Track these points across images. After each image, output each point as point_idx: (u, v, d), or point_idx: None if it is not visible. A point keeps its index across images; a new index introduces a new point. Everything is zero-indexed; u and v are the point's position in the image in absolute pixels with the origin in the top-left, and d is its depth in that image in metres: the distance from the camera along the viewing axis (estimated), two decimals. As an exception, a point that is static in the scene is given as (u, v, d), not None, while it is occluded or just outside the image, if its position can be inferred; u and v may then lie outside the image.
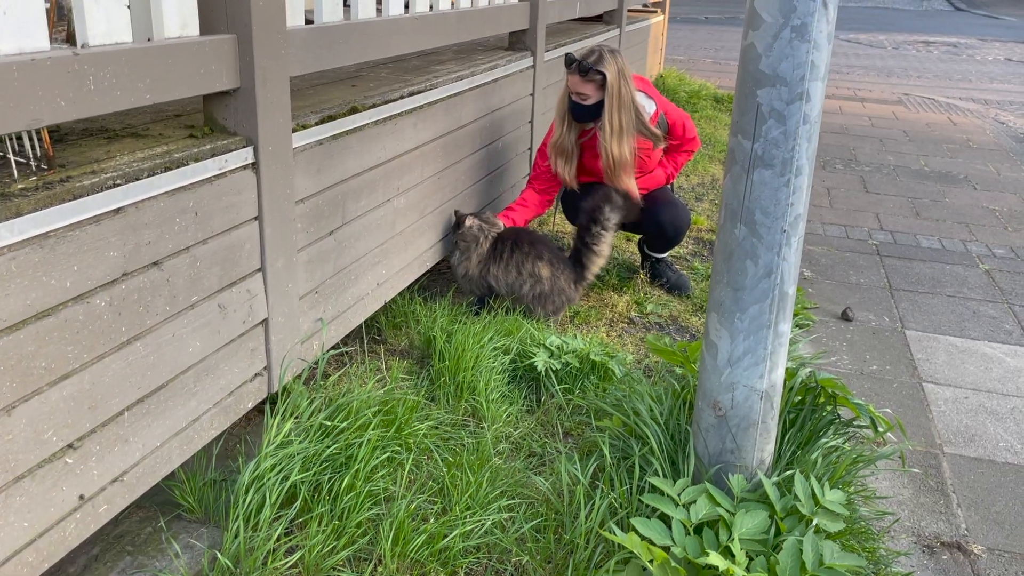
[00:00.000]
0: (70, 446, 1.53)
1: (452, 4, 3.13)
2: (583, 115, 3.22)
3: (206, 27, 1.81)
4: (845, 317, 3.40)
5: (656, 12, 7.48)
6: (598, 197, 3.12)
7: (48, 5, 2.94)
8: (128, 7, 1.56)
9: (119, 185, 1.54)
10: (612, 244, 3.22)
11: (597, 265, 3.18)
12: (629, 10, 6.36)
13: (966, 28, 17.04)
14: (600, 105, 3.14)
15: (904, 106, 8.40)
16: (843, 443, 2.11)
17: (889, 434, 2.52)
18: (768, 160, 1.72)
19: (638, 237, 3.72)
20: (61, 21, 2.82)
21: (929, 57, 12.55)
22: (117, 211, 1.54)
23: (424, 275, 3.32)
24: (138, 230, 1.59)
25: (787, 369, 2.18)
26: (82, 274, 1.48)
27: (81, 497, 1.57)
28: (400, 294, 2.96)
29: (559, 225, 4.08)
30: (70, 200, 1.44)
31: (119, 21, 1.53)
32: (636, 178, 3.35)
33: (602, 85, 3.11)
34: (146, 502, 1.95)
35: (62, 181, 1.46)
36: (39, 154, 1.53)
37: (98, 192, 1.49)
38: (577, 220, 3.26)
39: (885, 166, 5.96)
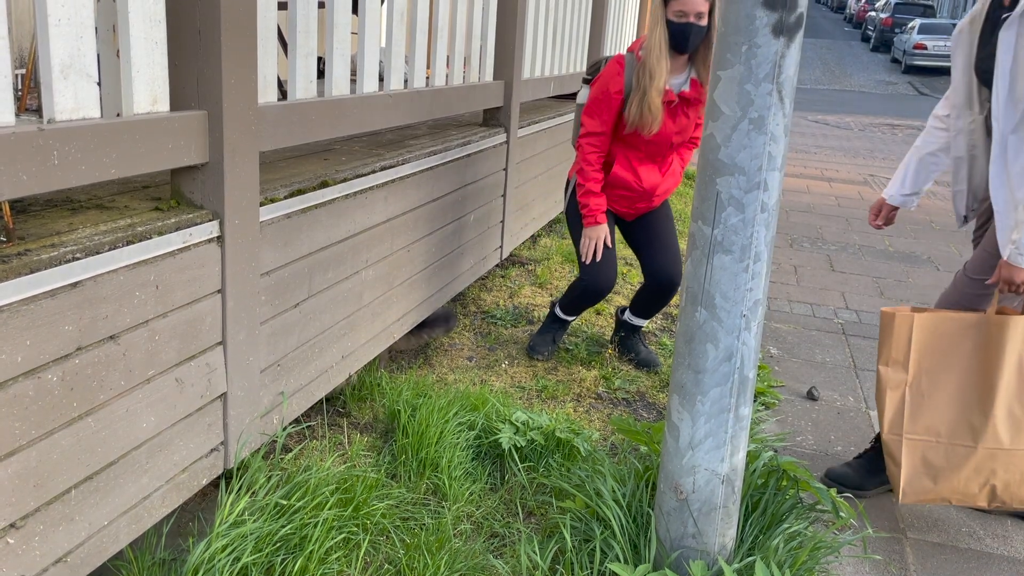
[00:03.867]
0: (12, 526, 1.48)
1: (427, 79, 3.20)
2: (691, 41, 3.01)
3: (177, 102, 1.83)
4: (810, 396, 3.41)
5: (629, 90, 7.68)
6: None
7: (23, 72, 2.97)
8: (98, 84, 1.57)
9: (79, 259, 1.53)
10: None
11: None
12: (603, 88, 6.52)
13: (929, 113, 17.63)
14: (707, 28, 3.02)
15: (870, 187, 8.62)
16: (806, 528, 2.10)
17: (852, 516, 2.51)
18: (727, 246, 1.76)
19: (606, 309, 3.73)
20: (37, 87, 2.84)
21: (894, 139, 12.95)
22: (75, 285, 1.52)
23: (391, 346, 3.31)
24: (96, 304, 1.58)
25: (750, 452, 2.18)
26: (35, 348, 1.46)
27: (21, 579, 1.51)
28: (365, 366, 2.94)
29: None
30: (27, 274, 1.43)
31: (88, 97, 1.55)
32: (660, 170, 3.28)
33: (712, 9, 3.01)
34: (91, 582, 1.88)
35: (20, 254, 1.45)
36: (-1, 226, 1.52)
37: (56, 266, 1.48)
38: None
39: (851, 245, 6.09)
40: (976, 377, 2.33)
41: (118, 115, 1.66)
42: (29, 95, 2.89)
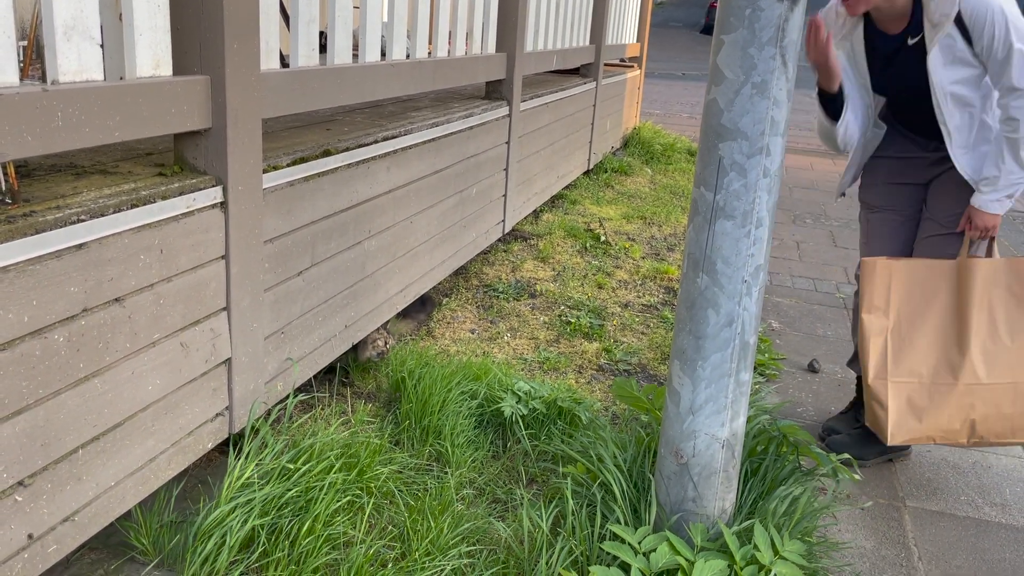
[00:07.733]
0: (20, 483, 1.50)
1: (429, 53, 3.19)
2: None
3: (180, 67, 1.83)
4: (811, 368, 3.43)
5: (633, 67, 7.65)
6: None
7: (25, 43, 2.96)
8: (101, 46, 1.57)
9: (83, 220, 1.54)
10: None
11: None
12: (606, 64, 6.50)
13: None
14: None
15: (873, 163, 8.58)
16: (804, 492, 2.12)
17: (852, 484, 2.53)
18: (729, 211, 1.76)
19: (607, 283, 3.71)
20: (39, 59, 2.83)
21: (898, 117, 12.87)
22: (80, 246, 1.53)
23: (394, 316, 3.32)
24: (101, 266, 1.59)
25: (750, 418, 2.20)
26: (41, 308, 1.47)
27: (30, 536, 1.53)
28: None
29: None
30: (32, 234, 1.44)
31: (91, 59, 1.55)
32: None
33: None
34: (98, 543, 1.91)
35: (25, 215, 1.46)
36: (3, 188, 1.53)
37: (61, 227, 1.49)
38: None
39: (853, 222, 6.07)
40: (951, 319, 2.43)
41: (121, 78, 1.66)
42: (31, 66, 2.89)
